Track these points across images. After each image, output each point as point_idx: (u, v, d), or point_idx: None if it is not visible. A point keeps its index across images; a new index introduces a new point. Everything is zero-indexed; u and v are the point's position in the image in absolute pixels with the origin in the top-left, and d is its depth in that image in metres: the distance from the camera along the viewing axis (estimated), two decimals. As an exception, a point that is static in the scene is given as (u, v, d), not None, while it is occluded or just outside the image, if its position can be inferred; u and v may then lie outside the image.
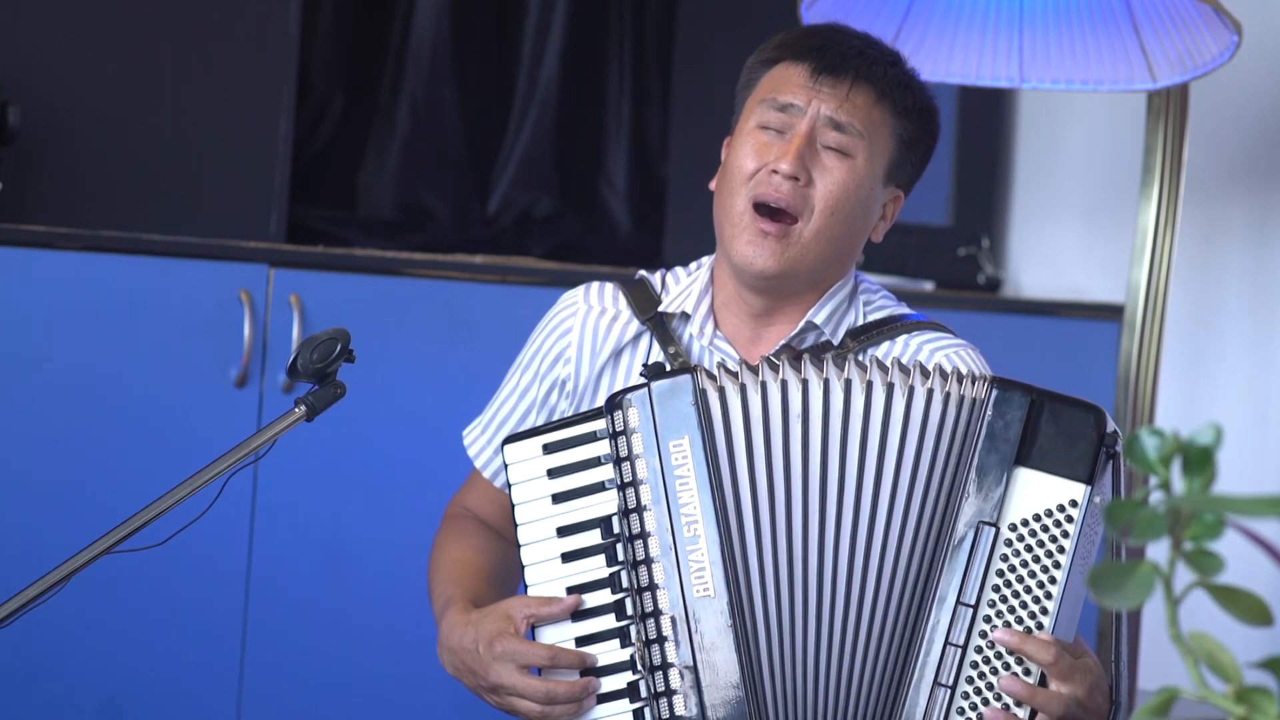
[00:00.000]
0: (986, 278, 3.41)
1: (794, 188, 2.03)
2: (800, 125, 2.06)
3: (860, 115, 2.07)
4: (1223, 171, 3.10)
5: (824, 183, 2.05)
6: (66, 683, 2.78)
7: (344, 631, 2.91)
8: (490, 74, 3.47)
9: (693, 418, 1.87)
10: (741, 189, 2.06)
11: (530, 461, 1.95)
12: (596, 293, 2.19)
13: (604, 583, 1.91)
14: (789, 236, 2.04)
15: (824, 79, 2.07)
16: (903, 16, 2.58)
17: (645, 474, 1.88)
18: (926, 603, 1.84)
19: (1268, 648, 0.98)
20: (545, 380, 2.20)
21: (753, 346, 2.12)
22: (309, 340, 1.92)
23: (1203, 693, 0.98)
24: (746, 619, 1.84)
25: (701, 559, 1.85)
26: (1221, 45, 2.47)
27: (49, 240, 2.81)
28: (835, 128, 2.06)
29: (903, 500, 1.86)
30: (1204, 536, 0.97)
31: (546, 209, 3.41)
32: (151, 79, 3.03)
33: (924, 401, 1.86)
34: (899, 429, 1.86)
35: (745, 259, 2.05)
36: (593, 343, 2.16)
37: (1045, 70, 2.60)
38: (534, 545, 1.94)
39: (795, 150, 2.04)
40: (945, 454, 1.86)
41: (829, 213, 2.05)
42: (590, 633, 1.91)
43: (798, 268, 2.06)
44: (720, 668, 1.83)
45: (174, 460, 2.28)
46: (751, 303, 2.10)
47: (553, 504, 1.94)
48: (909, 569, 1.85)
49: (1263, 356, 3.03)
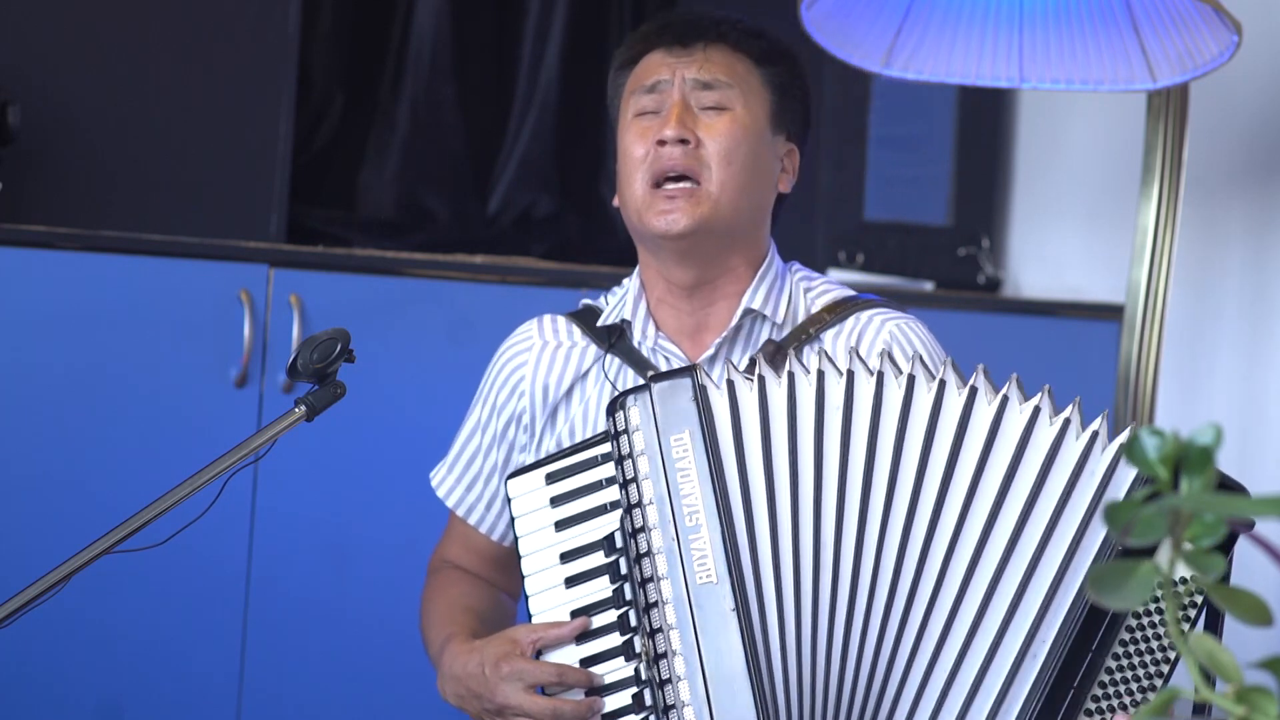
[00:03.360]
0: (986, 278, 3.41)
1: (685, 151, 2.09)
2: (672, 95, 2.12)
3: (723, 68, 2.14)
4: (1223, 171, 3.10)
5: (712, 139, 2.11)
6: (66, 683, 2.78)
7: (344, 631, 2.91)
8: (490, 74, 3.47)
9: (693, 413, 1.88)
10: (636, 174, 2.11)
11: (534, 493, 1.98)
12: (550, 326, 2.22)
13: (608, 602, 1.92)
14: (695, 195, 2.09)
15: (679, 50, 2.15)
16: (903, 16, 2.58)
17: (647, 469, 1.88)
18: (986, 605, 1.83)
19: (1268, 648, 0.98)
20: (502, 414, 2.22)
21: (696, 338, 2.15)
22: (309, 340, 1.92)
23: (1203, 693, 0.98)
24: (752, 605, 1.83)
25: (704, 546, 1.85)
26: (1221, 45, 2.47)
27: (49, 240, 2.81)
28: (704, 87, 2.13)
29: (932, 498, 1.85)
30: (1204, 536, 0.97)
31: (546, 209, 3.40)
32: (151, 79, 3.03)
33: (964, 403, 1.86)
34: (924, 428, 1.87)
35: (661, 228, 2.09)
36: (547, 375, 2.19)
37: (1045, 70, 2.59)
38: (538, 575, 1.96)
39: (675, 115, 2.10)
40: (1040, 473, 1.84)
41: (726, 163, 2.10)
42: (595, 653, 1.92)
43: (712, 221, 2.09)
44: (724, 652, 1.83)
45: (174, 460, 2.28)
46: (682, 281, 2.14)
47: (556, 531, 1.96)
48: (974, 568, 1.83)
49: (1262, 356, 3.03)
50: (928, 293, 3.28)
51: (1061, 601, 1.81)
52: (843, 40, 2.58)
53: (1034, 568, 1.82)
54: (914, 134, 3.43)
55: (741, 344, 2.15)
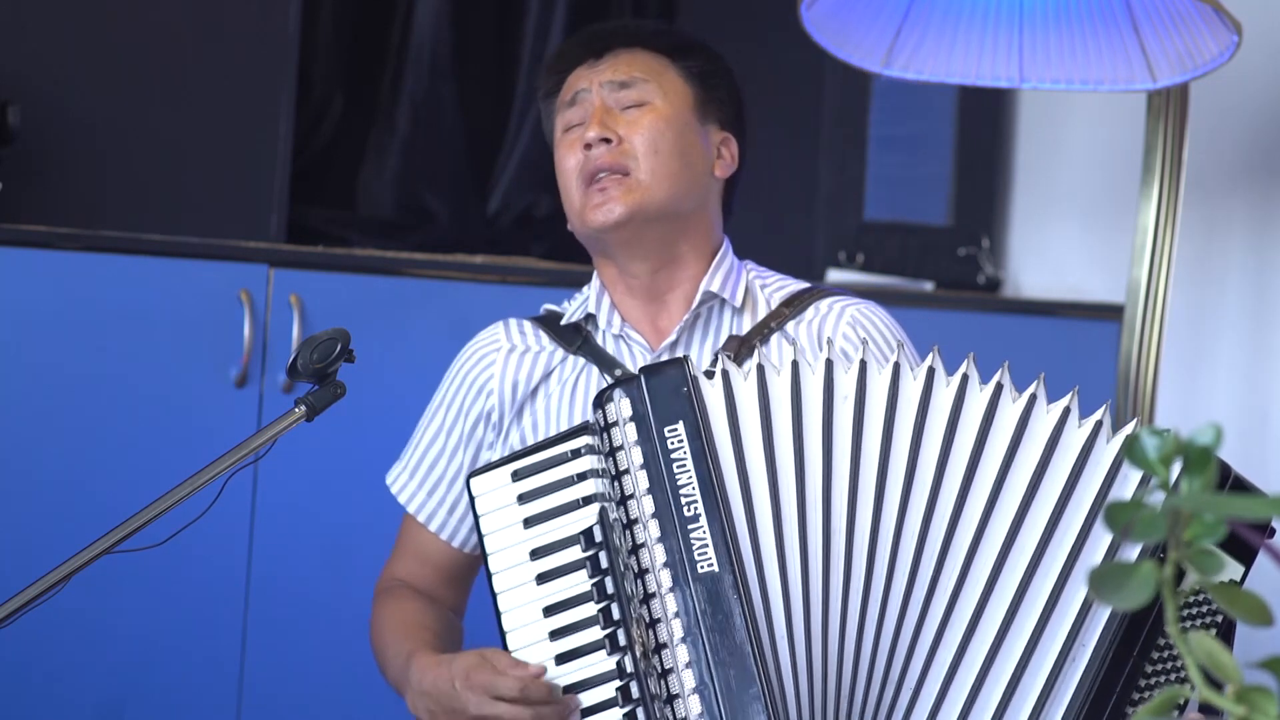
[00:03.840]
0: (986, 278, 3.41)
1: (610, 149, 2.13)
2: (591, 101, 2.17)
3: (637, 66, 2.19)
4: (1223, 171, 3.10)
5: (635, 133, 2.15)
6: (66, 683, 2.78)
7: (344, 631, 2.90)
8: (490, 74, 3.47)
9: (686, 405, 1.89)
10: (573, 182, 2.15)
11: (498, 491, 1.97)
12: (516, 330, 2.24)
13: (585, 596, 1.91)
14: (625, 183, 2.13)
15: (593, 60, 2.20)
16: (903, 16, 2.58)
17: (641, 460, 1.88)
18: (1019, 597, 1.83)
19: (1268, 648, 0.98)
20: (470, 414, 2.23)
21: (656, 327, 2.18)
22: (309, 340, 1.92)
23: (1203, 693, 0.98)
24: (755, 593, 1.83)
25: (703, 536, 1.85)
26: (1221, 45, 2.47)
27: (49, 240, 2.80)
28: (622, 87, 2.17)
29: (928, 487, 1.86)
30: (1204, 536, 0.97)
31: (546, 209, 3.40)
32: (151, 79, 3.03)
33: (954, 394, 1.87)
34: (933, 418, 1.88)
35: (599, 220, 2.12)
36: (515, 375, 2.20)
37: (1045, 70, 2.59)
38: (506, 572, 1.95)
39: (596, 116, 2.15)
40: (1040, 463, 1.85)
41: (653, 152, 2.14)
42: (574, 647, 1.91)
43: (647, 204, 2.13)
44: (730, 640, 1.83)
45: (174, 460, 2.28)
46: (638, 273, 2.17)
47: (524, 529, 1.95)
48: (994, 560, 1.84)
49: (1263, 356, 3.03)
50: (928, 293, 3.28)
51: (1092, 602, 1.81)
52: (843, 40, 2.58)
53: (1070, 567, 1.82)
54: (914, 134, 3.43)
55: (701, 329, 2.17)
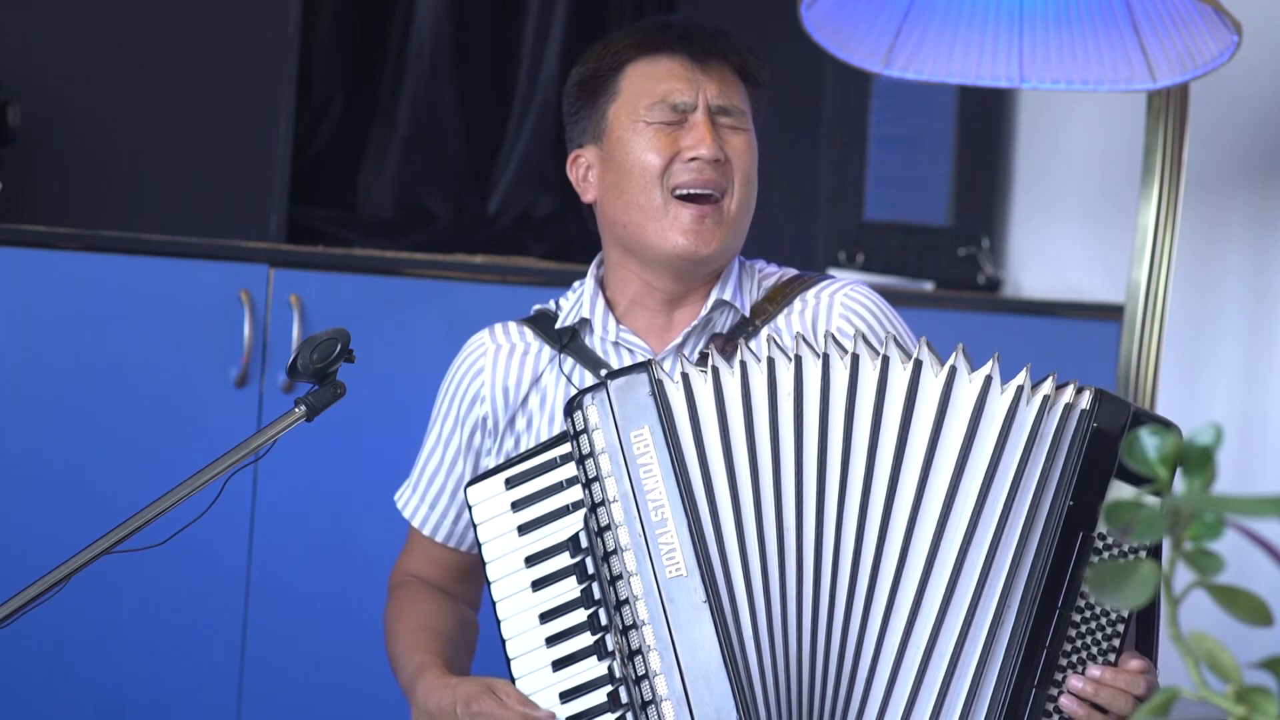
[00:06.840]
0: (986, 278, 3.41)
1: (715, 168, 2.11)
2: (697, 113, 2.14)
3: (737, 93, 2.17)
4: (1223, 171, 3.10)
5: (736, 157, 2.14)
6: (66, 683, 2.78)
7: (344, 631, 2.91)
8: (490, 74, 3.47)
9: (651, 408, 1.89)
10: (656, 184, 2.12)
11: (494, 499, 1.99)
12: (502, 331, 2.23)
13: (577, 602, 1.93)
14: (720, 215, 2.12)
15: (689, 60, 2.16)
16: (903, 16, 2.58)
17: (609, 468, 1.89)
18: (973, 591, 1.84)
19: (1268, 648, 0.98)
20: (466, 424, 2.23)
21: (665, 334, 2.17)
22: (309, 340, 1.93)
23: (1203, 693, 0.98)
24: (723, 595, 1.84)
25: (671, 540, 1.86)
26: (1221, 45, 2.47)
27: (49, 240, 2.81)
28: (724, 112, 2.15)
29: (915, 479, 1.86)
30: (1204, 536, 0.97)
31: (546, 209, 3.41)
32: (151, 79, 3.03)
33: (943, 383, 1.88)
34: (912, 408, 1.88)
35: (683, 247, 2.11)
36: (505, 378, 2.20)
37: (1045, 70, 2.59)
38: (504, 580, 1.97)
39: (711, 135, 2.12)
40: (996, 443, 1.86)
41: (744, 183, 2.14)
42: (568, 654, 1.93)
43: (730, 243, 2.14)
44: (699, 645, 1.84)
45: (174, 460, 2.28)
46: (669, 289, 2.16)
47: (519, 535, 1.97)
48: (936, 548, 1.85)
49: (1262, 356, 3.03)
50: (928, 293, 3.28)
51: (1023, 563, 1.84)
52: (843, 40, 2.58)
53: (998, 536, 1.84)
54: (914, 134, 3.43)
55: (708, 335, 2.17)
